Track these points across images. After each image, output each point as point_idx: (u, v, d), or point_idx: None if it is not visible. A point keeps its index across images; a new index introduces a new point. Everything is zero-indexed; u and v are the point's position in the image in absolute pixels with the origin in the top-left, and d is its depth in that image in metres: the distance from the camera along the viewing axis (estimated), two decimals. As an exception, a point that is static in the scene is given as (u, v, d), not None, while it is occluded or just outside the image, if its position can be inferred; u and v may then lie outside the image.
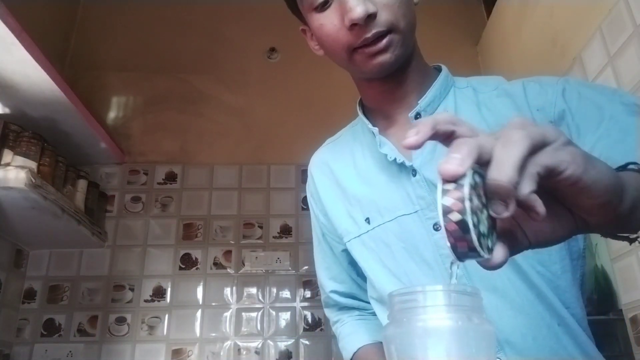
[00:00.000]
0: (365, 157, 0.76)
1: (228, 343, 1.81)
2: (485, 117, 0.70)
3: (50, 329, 1.79)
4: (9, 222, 1.62)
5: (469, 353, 0.39)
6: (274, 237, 1.96)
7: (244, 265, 1.92)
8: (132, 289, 1.86)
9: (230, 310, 1.85)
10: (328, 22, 0.65)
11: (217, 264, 1.91)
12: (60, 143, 1.70)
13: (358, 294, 0.86)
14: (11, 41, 1.26)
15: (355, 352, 0.82)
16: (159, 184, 2.03)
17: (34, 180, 1.42)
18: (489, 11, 2.28)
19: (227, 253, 1.93)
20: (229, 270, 1.91)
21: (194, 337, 1.81)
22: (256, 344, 1.81)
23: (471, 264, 0.64)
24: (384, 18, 0.62)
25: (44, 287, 1.84)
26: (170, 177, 2.04)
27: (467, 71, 2.68)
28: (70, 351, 1.76)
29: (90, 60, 2.21)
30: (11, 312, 1.76)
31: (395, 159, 0.69)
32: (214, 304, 1.86)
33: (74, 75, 2.11)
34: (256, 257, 1.93)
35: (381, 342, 0.79)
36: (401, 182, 0.69)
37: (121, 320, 1.81)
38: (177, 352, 1.79)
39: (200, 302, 1.86)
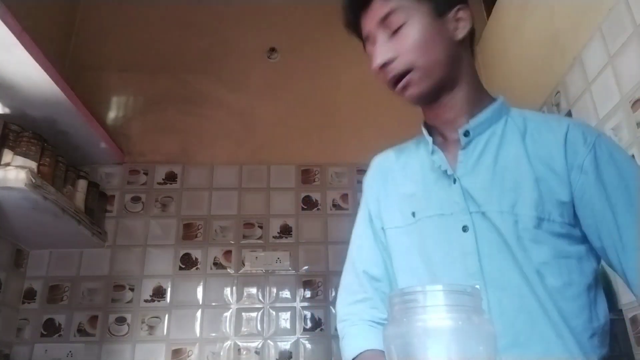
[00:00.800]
0: (422, 162, 0.87)
1: (228, 343, 1.81)
2: (527, 145, 0.79)
3: (50, 329, 1.79)
4: (9, 222, 1.62)
5: (469, 353, 0.39)
6: (274, 237, 1.96)
7: (244, 265, 1.92)
8: (132, 289, 1.85)
9: (230, 310, 1.85)
10: (371, 56, 0.80)
11: (217, 264, 1.91)
12: (60, 143, 1.70)
13: (386, 281, 0.87)
14: (11, 41, 1.26)
15: (360, 353, 0.81)
16: (159, 184, 2.03)
17: (34, 180, 1.42)
18: (489, 11, 2.28)
19: (227, 253, 1.93)
20: (229, 270, 1.91)
21: (194, 337, 1.81)
22: (256, 344, 1.81)
23: (487, 265, 0.73)
24: (402, 61, 0.75)
25: (44, 287, 1.84)
26: (170, 177, 2.04)
27: (467, 71, 2.63)
28: (70, 351, 1.76)
29: (90, 60, 2.21)
30: (11, 312, 1.76)
31: (440, 166, 0.81)
32: (214, 304, 1.86)
33: (74, 75, 2.11)
34: (256, 257, 1.93)
35: None
36: (444, 187, 0.80)
37: (121, 320, 1.81)
38: (177, 352, 1.79)
39: (200, 302, 1.86)
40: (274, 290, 1.89)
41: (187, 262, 1.91)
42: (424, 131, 0.86)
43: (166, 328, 1.81)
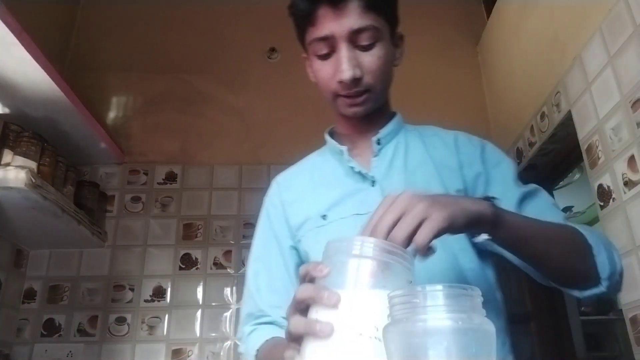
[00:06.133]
0: (334, 169, 0.93)
1: (228, 343, 1.81)
2: (429, 152, 0.90)
3: (50, 329, 1.79)
4: (9, 222, 1.62)
5: (469, 353, 0.39)
6: (274, 237, 1.96)
7: (244, 265, 1.91)
8: (132, 289, 1.86)
9: (230, 310, 1.85)
10: (324, 70, 0.81)
11: (217, 264, 1.91)
12: (60, 143, 1.70)
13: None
14: (11, 41, 1.26)
15: (262, 344, 0.84)
16: (159, 184, 2.03)
17: (34, 180, 1.42)
18: (489, 11, 2.28)
19: (227, 253, 1.93)
20: (229, 270, 1.91)
21: (194, 337, 1.81)
22: (256, 344, 1.81)
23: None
24: (365, 81, 0.79)
25: (44, 287, 1.84)
26: (170, 177, 2.04)
27: (467, 71, 2.66)
28: (70, 351, 1.76)
29: (90, 60, 2.20)
30: (11, 312, 1.76)
31: (360, 171, 0.87)
32: (214, 304, 1.86)
33: (74, 75, 2.11)
34: (256, 257, 1.92)
35: None
36: (361, 189, 0.86)
37: (121, 320, 1.81)
38: (177, 352, 1.79)
39: (200, 302, 1.86)
40: (274, 290, 1.89)
41: (187, 262, 1.91)
42: (334, 142, 0.94)
43: (166, 328, 1.81)
